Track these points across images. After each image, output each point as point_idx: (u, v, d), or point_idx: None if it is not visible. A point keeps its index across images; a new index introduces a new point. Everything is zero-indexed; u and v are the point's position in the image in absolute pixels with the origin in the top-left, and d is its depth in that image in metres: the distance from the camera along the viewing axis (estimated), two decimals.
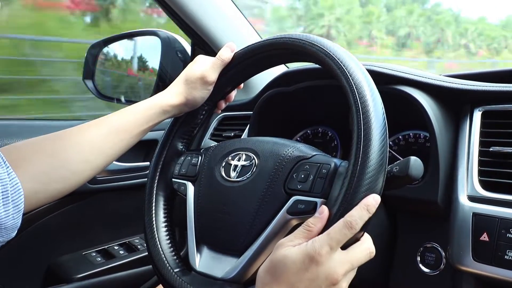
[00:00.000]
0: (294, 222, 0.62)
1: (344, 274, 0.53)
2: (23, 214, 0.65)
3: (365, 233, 0.57)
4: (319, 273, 0.52)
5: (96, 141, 0.73)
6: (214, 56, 0.79)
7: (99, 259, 1.29)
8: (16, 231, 0.63)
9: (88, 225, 1.36)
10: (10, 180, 0.62)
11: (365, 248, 0.56)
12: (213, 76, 0.77)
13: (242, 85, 0.84)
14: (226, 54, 0.78)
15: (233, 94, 0.86)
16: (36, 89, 3.83)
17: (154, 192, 0.78)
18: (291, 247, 0.54)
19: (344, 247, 0.54)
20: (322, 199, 0.59)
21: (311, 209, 0.60)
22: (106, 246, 1.36)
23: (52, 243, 1.29)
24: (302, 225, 0.56)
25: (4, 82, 3.76)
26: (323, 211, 0.56)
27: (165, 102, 0.78)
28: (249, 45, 0.76)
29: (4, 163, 0.62)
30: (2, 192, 0.59)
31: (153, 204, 0.77)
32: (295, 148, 0.67)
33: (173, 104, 0.78)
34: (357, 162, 0.55)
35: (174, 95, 0.78)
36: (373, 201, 0.54)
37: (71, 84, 3.69)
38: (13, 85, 3.77)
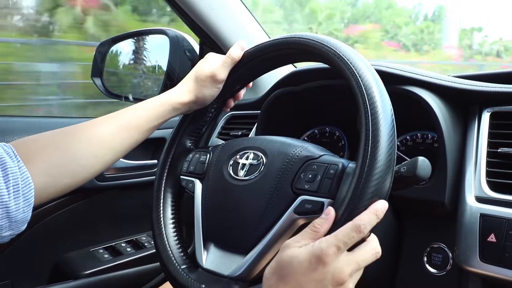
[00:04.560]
0: (301, 221, 0.62)
1: (351, 274, 0.53)
2: (33, 208, 0.65)
3: (372, 233, 0.57)
4: (326, 274, 0.52)
5: (107, 137, 0.74)
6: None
7: (107, 256, 1.31)
8: (26, 224, 0.64)
9: (95, 222, 1.37)
10: (21, 174, 0.62)
11: (372, 248, 0.56)
12: (223, 74, 0.77)
13: (251, 83, 0.84)
14: (236, 52, 0.77)
15: (242, 92, 0.86)
16: None
17: (162, 189, 0.78)
18: (297, 248, 0.54)
19: (351, 247, 0.54)
20: (329, 200, 0.59)
21: (318, 209, 0.60)
22: (113, 243, 1.37)
23: (60, 239, 1.30)
24: (308, 226, 0.56)
25: None
26: (330, 212, 0.56)
27: (175, 100, 0.78)
28: (259, 44, 0.76)
29: (16, 157, 0.63)
30: (13, 186, 0.60)
31: (161, 200, 0.78)
32: (303, 148, 0.67)
33: (183, 102, 0.78)
34: (364, 164, 0.55)
35: (184, 92, 0.78)
36: (382, 206, 0.55)
37: None
38: None
